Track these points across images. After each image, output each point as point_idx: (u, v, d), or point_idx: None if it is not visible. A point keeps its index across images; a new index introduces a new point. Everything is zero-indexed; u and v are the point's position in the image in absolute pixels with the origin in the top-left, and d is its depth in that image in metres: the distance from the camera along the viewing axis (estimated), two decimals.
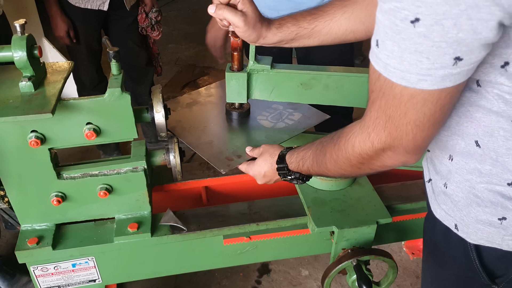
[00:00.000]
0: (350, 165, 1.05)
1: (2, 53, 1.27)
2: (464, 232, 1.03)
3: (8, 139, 1.33)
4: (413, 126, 0.85)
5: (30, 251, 1.48)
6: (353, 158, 1.02)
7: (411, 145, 0.89)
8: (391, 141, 0.90)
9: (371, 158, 0.98)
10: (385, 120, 0.87)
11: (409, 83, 0.78)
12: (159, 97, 1.45)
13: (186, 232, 1.56)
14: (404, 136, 0.87)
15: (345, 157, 1.04)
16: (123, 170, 1.48)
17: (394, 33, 0.74)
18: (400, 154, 0.92)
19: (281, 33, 1.38)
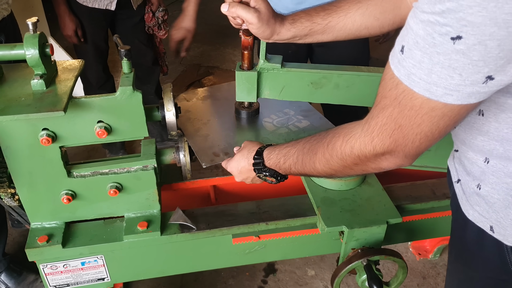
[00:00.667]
0: (343, 166, 1.04)
1: (15, 51, 1.27)
2: (500, 234, 1.01)
3: (19, 137, 1.33)
4: (423, 136, 0.85)
5: (40, 249, 1.48)
6: (349, 159, 1.00)
7: (413, 152, 0.90)
8: (394, 147, 0.89)
9: (368, 160, 0.97)
10: (394, 128, 0.86)
11: (434, 95, 0.76)
12: (170, 96, 1.45)
13: (195, 231, 1.56)
14: (410, 144, 0.87)
15: (339, 157, 1.02)
16: (133, 169, 1.48)
17: (428, 45, 0.73)
18: (399, 158, 0.93)
19: (295, 29, 1.36)
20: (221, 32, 5.71)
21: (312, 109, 1.76)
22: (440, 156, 1.69)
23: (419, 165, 1.73)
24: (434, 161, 1.71)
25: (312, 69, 1.57)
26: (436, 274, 2.52)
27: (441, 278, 2.50)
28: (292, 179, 1.88)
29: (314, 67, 1.58)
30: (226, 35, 5.60)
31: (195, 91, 1.88)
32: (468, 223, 1.08)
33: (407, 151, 0.89)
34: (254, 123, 1.70)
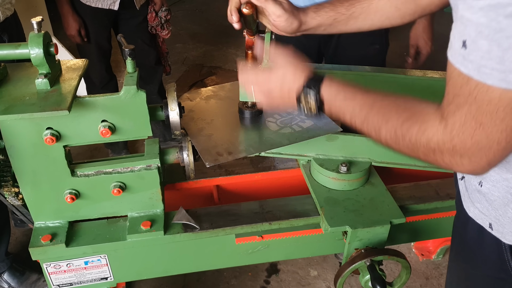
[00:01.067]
0: (412, 150, 0.93)
1: (19, 50, 1.27)
2: (499, 232, 1.01)
3: (23, 136, 1.33)
4: (509, 133, 0.77)
5: (43, 248, 1.48)
6: (423, 149, 0.90)
7: (498, 156, 0.82)
8: (476, 150, 0.81)
9: (442, 157, 0.88)
10: (475, 128, 0.79)
11: (511, 84, 0.71)
12: (174, 96, 1.45)
13: (198, 230, 1.56)
14: (495, 146, 0.79)
15: (412, 143, 0.92)
16: (137, 168, 1.48)
17: (494, 31, 0.69)
18: (479, 166, 0.84)
19: (319, 17, 1.34)
20: (224, 32, 5.72)
21: None
22: None
23: (423, 165, 1.73)
24: None
25: (320, 70, 1.57)
26: (439, 275, 2.52)
27: (444, 279, 2.50)
28: (294, 179, 1.89)
29: (319, 67, 1.58)
30: (229, 35, 5.60)
31: (198, 91, 1.88)
32: (469, 220, 1.08)
33: (491, 157, 0.81)
34: (258, 123, 1.69)
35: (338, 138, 1.70)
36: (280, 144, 1.57)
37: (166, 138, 3.46)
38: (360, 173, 1.69)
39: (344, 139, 1.69)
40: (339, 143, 1.70)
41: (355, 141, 1.69)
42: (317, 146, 1.72)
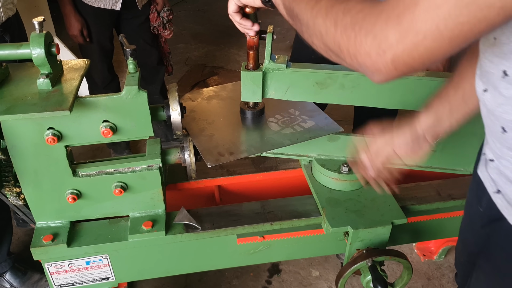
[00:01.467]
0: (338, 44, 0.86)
1: (21, 50, 1.27)
2: None
3: (25, 136, 1.34)
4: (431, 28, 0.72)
5: (45, 248, 1.48)
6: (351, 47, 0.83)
7: (408, 57, 0.77)
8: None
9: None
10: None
11: None
12: (175, 96, 1.45)
13: (200, 230, 1.56)
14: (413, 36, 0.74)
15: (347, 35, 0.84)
16: (138, 168, 1.48)
17: None
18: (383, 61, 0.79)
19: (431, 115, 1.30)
20: (226, 33, 5.72)
21: (317, 109, 1.76)
22: (445, 157, 1.69)
23: (425, 165, 1.72)
24: (440, 162, 1.70)
25: (317, 69, 1.56)
26: (441, 275, 2.51)
27: (445, 279, 2.50)
28: (296, 180, 1.89)
29: (320, 67, 1.57)
30: (231, 36, 5.60)
31: (200, 91, 1.88)
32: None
33: (400, 53, 0.76)
34: (259, 123, 1.69)
35: (339, 139, 1.70)
36: (281, 144, 1.57)
37: (168, 138, 3.46)
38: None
39: (346, 139, 1.70)
40: (341, 143, 1.70)
41: (357, 142, 1.69)
42: (318, 147, 1.72)
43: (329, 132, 1.64)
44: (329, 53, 0.91)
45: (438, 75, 1.53)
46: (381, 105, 1.61)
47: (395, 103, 1.58)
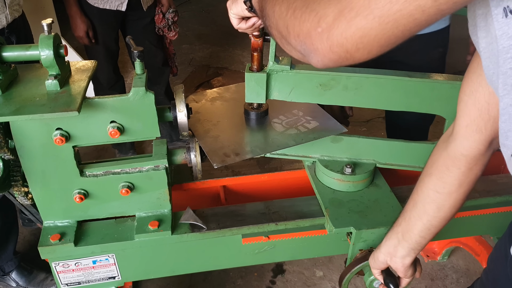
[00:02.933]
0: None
1: (30, 52, 1.29)
2: None
3: (33, 136, 1.35)
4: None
5: (52, 247, 1.50)
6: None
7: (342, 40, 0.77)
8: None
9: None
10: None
11: None
12: (182, 97, 1.47)
13: (205, 230, 1.58)
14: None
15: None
16: (145, 169, 1.50)
17: None
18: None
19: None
20: (230, 33, 5.73)
21: (320, 110, 1.77)
22: None
23: None
24: None
25: (321, 71, 1.57)
26: (444, 276, 2.53)
27: (449, 280, 2.51)
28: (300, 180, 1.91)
29: (323, 69, 1.59)
30: (235, 36, 5.62)
31: (204, 93, 1.90)
32: None
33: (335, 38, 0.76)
34: (263, 124, 1.71)
35: (343, 140, 1.71)
36: (286, 145, 1.59)
37: (173, 139, 3.48)
38: (365, 174, 1.70)
39: (349, 140, 1.71)
40: (344, 144, 1.72)
41: (360, 143, 1.71)
42: (322, 148, 1.74)
43: (333, 133, 1.65)
44: (282, 40, 0.91)
45: (442, 77, 1.54)
46: (384, 106, 1.63)
47: (398, 105, 1.59)
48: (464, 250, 2.46)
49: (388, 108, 1.62)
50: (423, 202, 1.23)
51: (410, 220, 1.27)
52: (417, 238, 1.27)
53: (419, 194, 1.23)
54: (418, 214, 1.24)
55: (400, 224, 1.30)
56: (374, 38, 0.74)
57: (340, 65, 0.81)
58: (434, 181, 1.19)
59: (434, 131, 2.41)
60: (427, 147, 1.69)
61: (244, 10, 1.26)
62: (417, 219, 1.25)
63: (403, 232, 1.29)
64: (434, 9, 0.68)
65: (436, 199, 1.20)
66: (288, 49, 0.91)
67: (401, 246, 1.31)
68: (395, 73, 1.54)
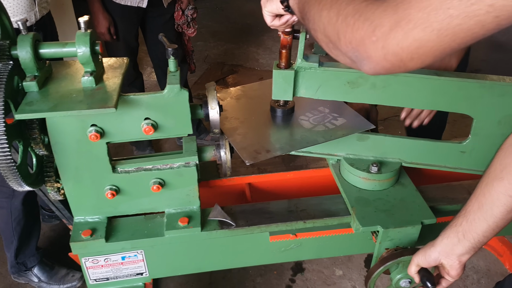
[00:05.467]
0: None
1: (66, 49, 1.30)
2: None
3: (68, 132, 1.37)
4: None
5: (84, 242, 1.51)
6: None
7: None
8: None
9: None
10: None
11: None
12: (214, 94, 1.47)
13: (234, 227, 1.59)
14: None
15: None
16: (176, 165, 1.51)
17: None
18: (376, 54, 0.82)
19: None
20: (244, 31, 5.75)
21: (346, 107, 1.77)
22: (475, 158, 1.69)
23: (454, 167, 1.74)
24: (470, 164, 1.71)
25: (349, 69, 1.58)
26: (465, 276, 2.53)
27: (469, 280, 2.51)
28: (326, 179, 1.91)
29: None
30: (249, 34, 5.63)
31: (228, 91, 1.91)
32: None
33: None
34: (290, 121, 1.72)
35: (369, 138, 1.71)
36: (315, 141, 1.60)
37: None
38: (391, 173, 1.70)
39: (375, 139, 1.71)
40: (370, 143, 1.72)
41: (386, 141, 1.71)
42: (347, 146, 1.74)
43: (362, 129, 1.66)
44: (329, 45, 0.93)
45: (470, 76, 1.54)
46: (411, 105, 1.63)
47: (425, 104, 1.60)
48: (485, 250, 2.46)
49: (415, 106, 1.63)
50: (491, 205, 1.22)
51: (474, 221, 1.27)
52: (480, 238, 1.28)
53: (487, 197, 1.23)
54: (484, 217, 1.24)
55: (461, 224, 1.30)
56: (430, 49, 0.76)
57: (391, 73, 0.84)
58: (506, 185, 1.19)
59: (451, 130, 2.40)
60: (454, 146, 1.69)
61: (279, 8, 1.27)
62: (482, 221, 1.25)
63: (464, 232, 1.29)
64: (494, 25, 0.70)
65: (507, 202, 1.20)
66: (335, 54, 0.92)
67: (461, 244, 1.31)
68: (423, 72, 1.54)
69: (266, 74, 4.76)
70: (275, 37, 5.55)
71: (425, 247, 1.43)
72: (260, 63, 5.05)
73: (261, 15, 1.38)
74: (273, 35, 5.58)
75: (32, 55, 1.27)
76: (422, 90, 1.54)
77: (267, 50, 5.30)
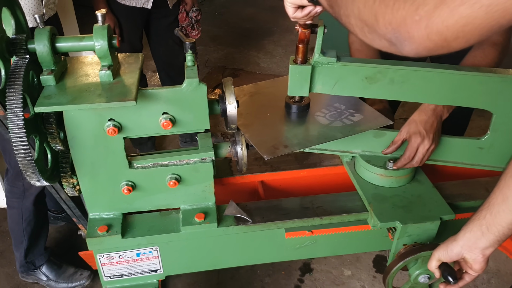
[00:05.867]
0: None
1: (83, 43, 1.28)
2: None
3: (86, 127, 1.35)
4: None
5: (100, 238, 1.49)
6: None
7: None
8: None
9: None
10: None
11: None
12: (231, 89, 1.46)
13: (251, 223, 1.57)
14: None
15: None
16: (192, 161, 1.49)
17: None
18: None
19: None
20: (244, 35, 5.74)
21: (362, 103, 1.76)
22: (493, 154, 1.68)
23: (471, 163, 1.73)
24: (488, 160, 1.70)
25: (367, 64, 1.56)
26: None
27: (479, 280, 2.49)
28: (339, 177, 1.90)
29: (370, 61, 1.58)
30: (249, 38, 5.63)
31: (241, 88, 1.89)
32: None
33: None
34: (305, 118, 1.70)
35: (385, 135, 1.70)
36: (334, 137, 1.58)
37: (194, 139, 3.48)
38: (408, 169, 1.69)
39: (392, 135, 1.70)
40: (386, 139, 1.71)
41: None
42: (363, 143, 1.73)
43: (380, 125, 1.64)
44: (364, 29, 0.90)
45: (491, 71, 1.52)
46: (430, 100, 1.61)
47: (445, 99, 1.58)
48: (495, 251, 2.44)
49: (434, 102, 1.61)
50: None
51: (499, 213, 1.25)
52: (505, 230, 1.26)
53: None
54: (510, 208, 1.23)
55: (485, 217, 1.28)
56: (477, 27, 0.73)
57: (432, 54, 0.81)
58: None
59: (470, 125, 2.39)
60: (471, 142, 1.68)
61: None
62: (507, 212, 1.24)
63: (488, 225, 1.28)
64: None
65: None
66: (371, 38, 0.90)
67: (485, 238, 1.30)
68: (443, 66, 1.52)
69: (267, 78, 4.70)
70: (275, 41, 5.55)
71: (447, 242, 1.41)
72: (261, 67, 5.04)
73: (261, 19, 1.36)
74: (273, 39, 5.57)
75: (50, 49, 1.25)
76: (442, 85, 1.53)
77: (268, 54, 5.29)
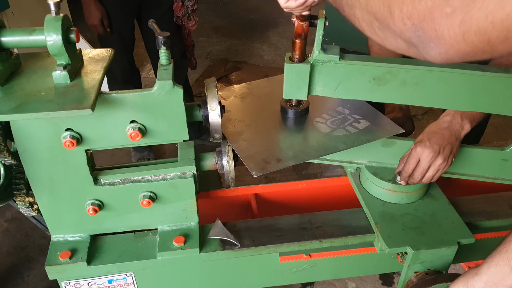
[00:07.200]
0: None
1: (33, 37, 1.07)
2: None
3: (39, 138, 1.15)
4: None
5: (62, 266, 1.29)
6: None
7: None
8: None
9: None
10: None
11: None
12: (215, 92, 1.24)
13: (239, 247, 1.36)
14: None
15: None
16: (169, 176, 1.29)
17: None
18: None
19: None
20: (248, 26, 5.55)
21: (369, 107, 1.55)
22: None
23: (493, 176, 1.51)
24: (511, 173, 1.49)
25: (375, 62, 1.34)
26: None
27: None
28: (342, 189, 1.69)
29: (378, 60, 1.36)
30: (253, 29, 5.43)
31: (232, 88, 1.68)
32: None
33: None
34: (304, 124, 1.49)
35: (395, 144, 1.50)
36: (335, 148, 1.36)
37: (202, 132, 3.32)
38: (420, 184, 1.47)
39: (402, 144, 1.50)
40: (396, 149, 1.50)
41: None
42: (370, 152, 1.53)
43: (389, 134, 1.43)
44: (373, 24, 0.71)
45: None
46: (448, 106, 1.40)
47: (465, 104, 1.36)
48: None
49: (452, 107, 1.40)
50: None
51: None
52: None
53: None
54: None
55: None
56: None
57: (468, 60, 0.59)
58: None
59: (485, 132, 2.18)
60: (494, 153, 1.48)
61: None
62: None
63: None
64: None
65: None
66: (382, 37, 0.69)
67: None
68: (464, 67, 1.30)
69: (271, 71, 4.54)
70: (281, 33, 5.34)
71: (467, 275, 1.21)
72: (265, 59, 4.83)
73: (266, 10, 1.15)
74: (279, 31, 5.36)
75: None
76: (462, 88, 1.30)
77: (272, 46, 5.09)
